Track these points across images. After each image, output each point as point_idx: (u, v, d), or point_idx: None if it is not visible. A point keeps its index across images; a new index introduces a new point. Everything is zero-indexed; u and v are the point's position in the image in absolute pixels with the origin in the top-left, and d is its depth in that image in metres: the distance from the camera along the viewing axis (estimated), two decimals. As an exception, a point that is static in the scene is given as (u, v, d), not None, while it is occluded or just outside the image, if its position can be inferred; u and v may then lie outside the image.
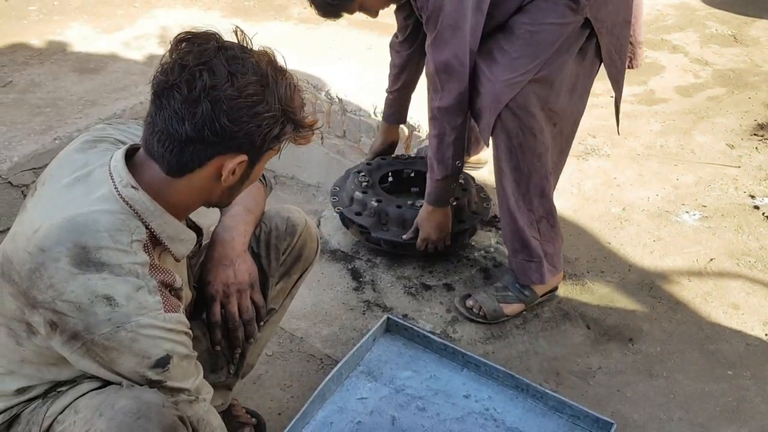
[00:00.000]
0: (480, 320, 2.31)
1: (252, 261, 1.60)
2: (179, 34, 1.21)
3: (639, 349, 2.27)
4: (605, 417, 1.94)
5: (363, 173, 2.68)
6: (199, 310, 1.62)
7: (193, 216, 1.42)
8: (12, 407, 1.33)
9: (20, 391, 1.32)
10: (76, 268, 1.16)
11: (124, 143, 1.35)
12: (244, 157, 1.23)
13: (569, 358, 2.21)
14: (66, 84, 3.65)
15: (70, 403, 1.27)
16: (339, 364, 2.04)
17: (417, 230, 2.42)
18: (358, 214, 2.55)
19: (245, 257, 1.58)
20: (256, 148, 1.23)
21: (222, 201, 1.35)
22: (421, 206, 2.40)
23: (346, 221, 2.61)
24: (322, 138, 3.72)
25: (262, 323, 1.62)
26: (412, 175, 2.77)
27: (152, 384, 1.22)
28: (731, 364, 2.23)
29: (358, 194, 2.57)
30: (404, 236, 2.46)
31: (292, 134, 1.26)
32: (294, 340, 2.24)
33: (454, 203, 2.46)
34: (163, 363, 1.22)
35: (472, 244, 2.69)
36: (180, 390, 1.26)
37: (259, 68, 1.19)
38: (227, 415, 1.88)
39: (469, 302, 2.34)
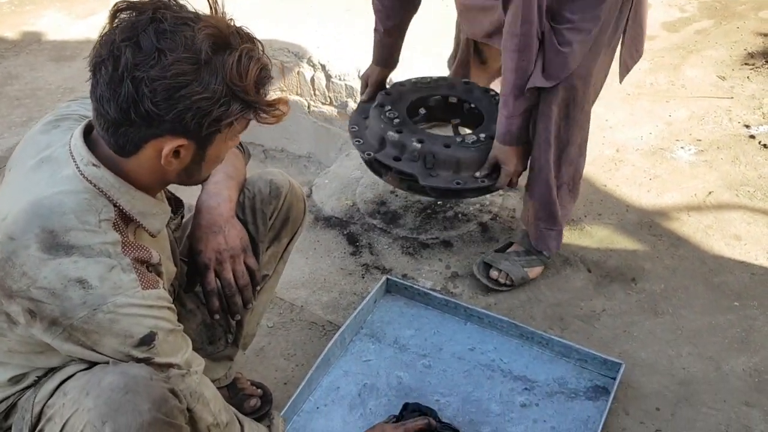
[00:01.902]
0: (505, 289, 2.25)
1: (241, 226, 1.56)
2: (118, 3, 1.13)
3: (642, 288, 2.24)
4: (613, 358, 1.92)
5: (388, 107, 2.25)
6: (192, 282, 1.59)
7: (174, 187, 1.39)
8: (8, 397, 1.31)
9: (14, 380, 1.30)
10: (46, 254, 1.13)
11: (88, 117, 1.30)
12: (182, 141, 1.15)
13: (572, 303, 2.19)
14: (44, 74, 3.59)
15: (58, 387, 1.24)
16: (341, 329, 2.02)
17: (492, 168, 2.13)
18: (397, 159, 2.16)
19: (234, 222, 1.54)
20: (192, 131, 1.14)
21: (185, 181, 1.28)
22: (473, 142, 2.14)
23: (379, 168, 2.24)
24: (308, 107, 3.67)
25: (258, 288, 1.59)
26: (454, 101, 2.38)
27: (139, 362, 1.19)
28: (737, 295, 2.21)
29: (392, 134, 2.16)
30: (479, 174, 2.13)
31: (248, 114, 1.17)
32: (294, 310, 2.22)
33: None
34: (147, 340, 1.18)
35: (467, 199, 2.65)
36: (169, 365, 1.23)
37: (193, 44, 1.09)
38: (232, 388, 1.87)
39: (494, 273, 2.23)
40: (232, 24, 1.16)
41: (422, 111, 2.35)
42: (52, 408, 1.23)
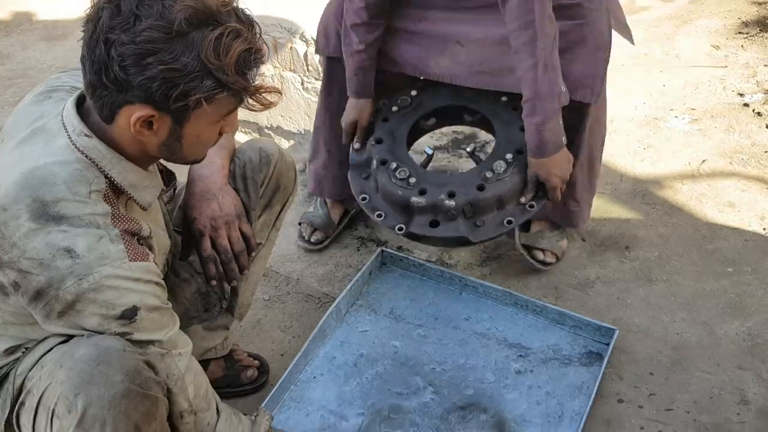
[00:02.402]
0: (550, 267, 2.20)
1: (235, 193, 1.57)
2: None
3: (636, 255, 2.25)
4: (607, 324, 1.94)
5: (393, 164, 1.91)
6: (187, 251, 1.60)
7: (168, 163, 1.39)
8: (2, 367, 1.32)
9: (8, 351, 1.31)
10: (35, 224, 1.14)
11: (79, 89, 1.30)
12: (151, 111, 1.14)
13: (566, 272, 2.20)
14: (35, 53, 3.58)
15: (38, 360, 1.24)
16: (337, 300, 2.03)
17: (536, 187, 1.88)
18: (434, 223, 1.86)
19: (227, 189, 1.55)
20: (159, 102, 1.12)
21: (169, 158, 1.28)
22: (504, 170, 1.85)
23: (417, 238, 1.91)
24: (302, 83, 3.65)
25: (253, 254, 1.60)
26: (451, 110, 2.08)
27: (125, 335, 1.19)
28: (731, 261, 2.22)
29: (417, 200, 1.84)
30: (524, 200, 1.86)
31: (223, 94, 1.14)
32: (290, 283, 2.23)
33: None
34: (129, 314, 1.18)
35: (461, 171, 2.65)
36: (150, 342, 1.22)
37: (169, 14, 1.08)
38: (229, 359, 1.88)
39: (539, 255, 2.17)
40: (231, 3, 1.15)
41: (428, 121, 2.10)
42: (31, 381, 1.23)
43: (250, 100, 1.21)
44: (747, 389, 1.84)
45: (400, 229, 1.86)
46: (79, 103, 1.24)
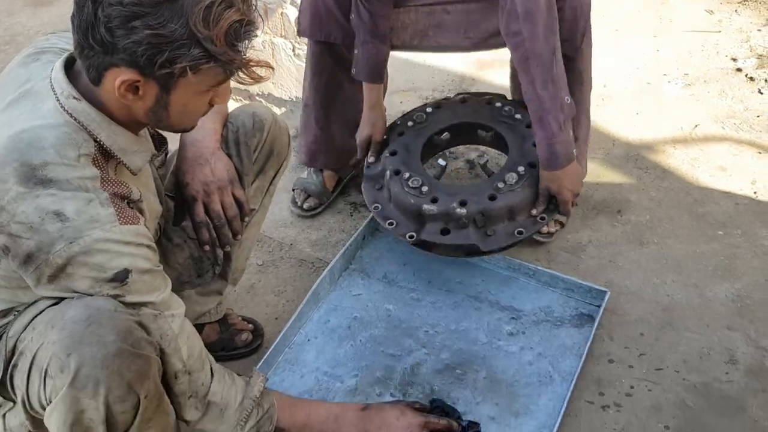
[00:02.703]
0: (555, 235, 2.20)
1: (227, 158, 1.56)
2: None
3: (628, 219, 2.27)
4: (598, 286, 1.95)
5: (406, 174, 1.93)
6: (180, 216, 1.59)
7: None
8: None
9: (0, 314, 1.30)
10: (23, 187, 1.13)
11: (68, 51, 1.29)
12: (136, 76, 1.13)
13: (559, 236, 2.20)
14: (21, 19, 3.52)
15: (30, 322, 1.24)
16: (330, 264, 2.04)
17: (547, 200, 1.89)
18: (445, 231, 1.86)
19: (220, 154, 1.54)
20: (144, 68, 1.11)
21: (156, 125, 1.27)
22: (516, 181, 1.85)
23: (428, 246, 1.91)
24: (293, 50, 3.62)
25: (246, 219, 1.60)
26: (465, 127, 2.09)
27: (117, 298, 1.19)
28: (721, 225, 2.23)
29: (429, 208, 1.86)
30: (536, 212, 1.88)
31: (211, 64, 1.13)
32: (283, 248, 2.23)
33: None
34: (120, 277, 1.18)
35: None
36: (142, 304, 1.22)
37: None
38: (223, 323, 1.89)
39: (543, 228, 2.08)
40: None
41: (442, 136, 2.10)
42: (23, 342, 1.24)
43: (240, 73, 1.19)
44: (735, 349, 1.87)
45: (411, 236, 1.87)
46: (68, 66, 1.23)
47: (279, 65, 3.56)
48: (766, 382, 1.78)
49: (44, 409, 1.21)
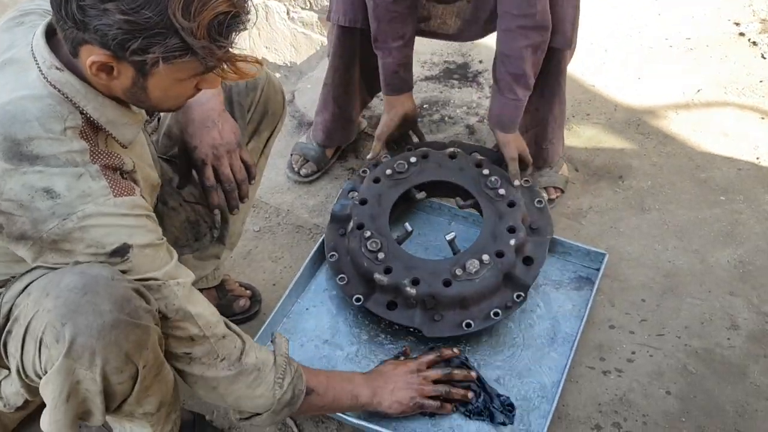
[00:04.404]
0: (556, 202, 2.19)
1: (233, 120, 1.52)
2: None
3: (629, 185, 2.24)
4: (597, 249, 1.93)
5: (368, 233, 1.80)
6: (184, 181, 1.57)
7: None
8: None
9: None
10: (9, 164, 1.09)
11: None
12: (108, 58, 1.07)
13: (560, 202, 2.18)
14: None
15: (25, 287, 1.20)
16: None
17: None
18: (392, 305, 1.75)
19: (226, 116, 1.50)
20: (116, 51, 1.05)
21: (137, 104, 1.20)
22: (477, 271, 1.71)
23: (374, 314, 1.79)
24: (288, 13, 3.55)
25: (253, 182, 1.57)
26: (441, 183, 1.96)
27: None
28: (723, 190, 2.21)
29: (380, 278, 1.74)
30: (517, 182, 1.89)
31: (189, 57, 1.06)
32: (280, 214, 2.20)
33: None
34: (120, 252, 1.14)
35: (453, 101, 2.60)
36: (146, 280, 1.18)
37: None
38: (220, 289, 1.87)
39: (543, 194, 2.09)
40: None
41: (419, 194, 1.96)
42: (17, 308, 1.20)
43: (225, 67, 1.12)
44: (737, 315, 1.85)
45: (358, 300, 1.76)
46: (51, 33, 1.16)
47: (273, 29, 3.50)
48: (767, 348, 1.77)
49: (39, 377, 1.18)
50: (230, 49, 1.10)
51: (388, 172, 1.94)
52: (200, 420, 1.61)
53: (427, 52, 2.85)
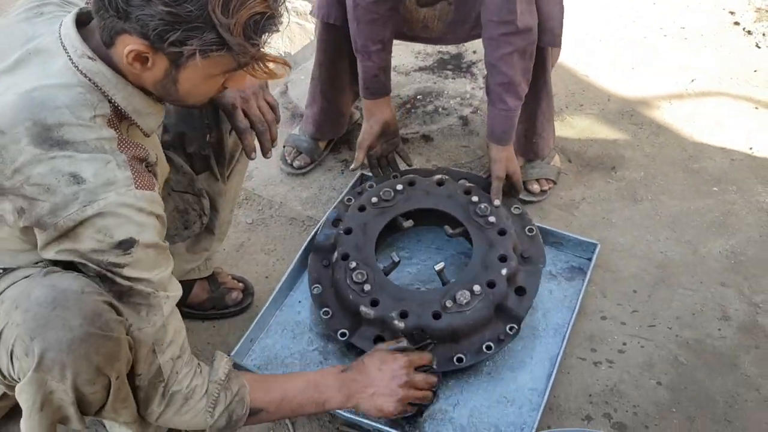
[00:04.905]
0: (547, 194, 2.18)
1: None
2: None
3: (622, 176, 2.24)
4: (588, 239, 1.94)
5: (353, 263, 1.73)
6: (207, 131, 1.57)
7: None
8: None
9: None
10: (38, 149, 1.09)
11: (72, 4, 1.25)
12: (146, 48, 1.09)
13: (552, 193, 2.18)
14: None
15: (2, 292, 1.20)
16: (320, 223, 2.01)
17: (501, 184, 1.90)
18: (379, 338, 1.67)
19: None
20: (155, 42, 1.08)
21: (165, 97, 1.22)
22: (467, 302, 1.65)
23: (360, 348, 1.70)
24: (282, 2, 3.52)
25: (278, 124, 1.58)
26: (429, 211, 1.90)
27: (116, 267, 1.15)
28: (716, 181, 2.21)
29: (366, 311, 1.66)
30: (497, 201, 1.85)
31: (224, 53, 1.08)
32: (273, 206, 2.20)
33: None
34: (125, 245, 1.14)
35: (446, 92, 2.60)
36: (139, 279, 1.18)
37: None
38: (213, 282, 1.87)
39: (535, 187, 2.13)
40: None
41: (405, 222, 1.90)
42: None
43: (255, 65, 1.15)
44: (728, 305, 1.86)
45: (343, 335, 1.69)
46: (80, 22, 1.18)
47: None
48: (758, 339, 1.78)
49: (15, 381, 1.19)
50: (262, 49, 1.13)
51: (374, 200, 1.87)
52: None
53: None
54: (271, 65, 1.17)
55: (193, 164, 1.61)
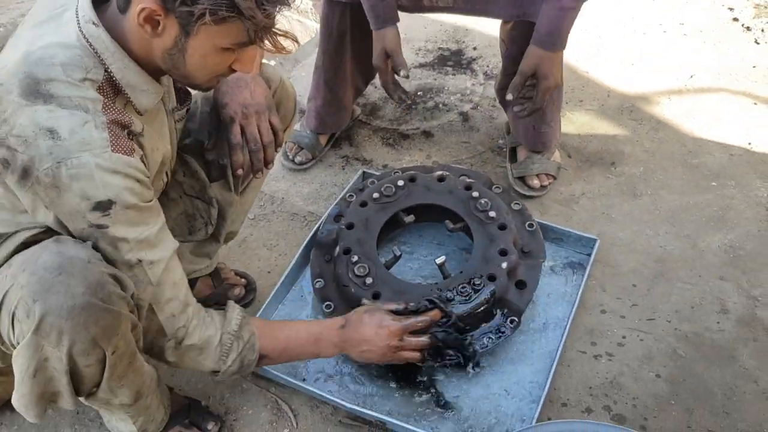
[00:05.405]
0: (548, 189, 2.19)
1: (266, 84, 1.54)
2: None
3: (622, 171, 2.25)
4: (588, 234, 1.95)
5: (354, 257, 1.75)
6: (214, 140, 1.58)
7: None
8: None
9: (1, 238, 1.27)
10: (24, 99, 1.12)
11: None
12: (156, 5, 1.10)
13: (552, 188, 2.19)
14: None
15: (7, 258, 1.22)
16: (322, 218, 2.02)
17: (524, 83, 1.86)
18: None
19: (259, 80, 1.53)
20: (169, 2, 1.09)
21: (171, 70, 1.22)
22: (476, 286, 1.67)
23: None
24: None
25: (279, 149, 1.58)
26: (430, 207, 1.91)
27: (97, 228, 1.16)
28: (715, 175, 2.22)
29: (367, 303, 1.67)
30: (509, 97, 1.83)
31: (234, 18, 1.10)
32: (275, 201, 2.21)
33: None
34: (104, 206, 1.15)
35: (447, 88, 2.61)
36: (123, 239, 1.19)
37: None
38: (216, 277, 1.88)
39: (534, 182, 2.15)
40: None
41: (407, 217, 1.91)
42: None
43: (264, 40, 1.16)
44: (727, 299, 1.87)
45: None
46: None
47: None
48: (757, 332, 1.79)
49: (13, 347, 1.20)
50: (273, 20, 1.14)
51: (375, 195, 1.89)
52: (196, 405, 1.63)
53: (422, 39, 2.86)
54: (279, 38, 1.18)
55: (209, 171, 1.63)
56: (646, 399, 1.66)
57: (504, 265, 1.71)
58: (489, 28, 2.82)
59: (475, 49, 2.75)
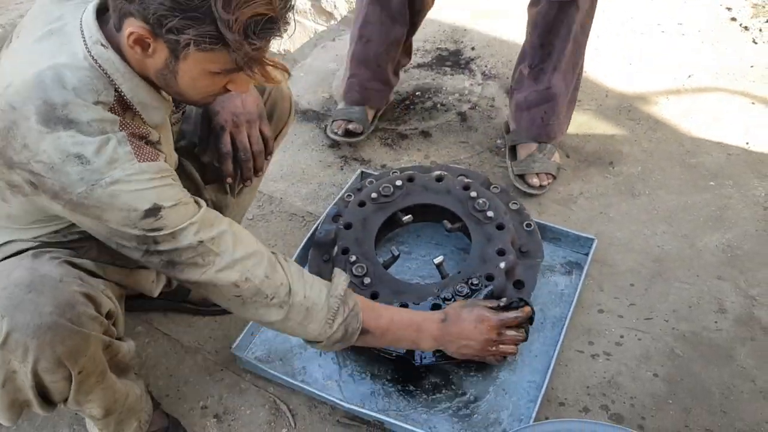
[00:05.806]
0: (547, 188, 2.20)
1: (258, 93, 1.54)
2: None
3: (620, 171, 2.26)
4: (586, 234, 1.95)
5: (353, 257, 1.75)
6: (203, 148, 1.57)
7: None
8: None
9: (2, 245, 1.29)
10: (44, 127, 1.11)
11: None
12: (144, 31, 1.09)
13: (551, 188, 2.20)
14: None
15: None
16: (321, 218, 2.03)
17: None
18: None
19: (251, 89, 1.52)
20: (155, 27, 1.08)
21: (165, 88, 1.22)
22: (473, 286, 1.68)
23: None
24: None
25: (269, 157, 1.58)
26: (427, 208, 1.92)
27: (151, 232, 1.16)
28: (713, 175, 2.23)
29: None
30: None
31: (221, 48, 1.08)
32: (274, 202, 2.22)
33: None
34: (153, 212, 1.15)
35: (445, 88, 2.61)
36: (184, 229, 1.19)
37: None
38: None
39: (534, 181, 2.15)
40: None
41: (405, 217, 1.90)
42: None
43: (253, 68, 1.14)
44: (725, 298, 1.88)
45: None
46: (101, 11, 1.20)
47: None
48: (754, 331, 1.80)
49: None
50: (262, 51, 1.12)
51: (374, 195, 1.89)
52: (175, 425, 1.60)
53: (420, 39, 2.86)
54: (269, 69, 1.16)
55: (204, 174, 1.63)
56: (644, 398, 1.67)
57: (502, 264, 1.71)
58: (487, 28, 2.82)
59: (473, 49, 2.76)
